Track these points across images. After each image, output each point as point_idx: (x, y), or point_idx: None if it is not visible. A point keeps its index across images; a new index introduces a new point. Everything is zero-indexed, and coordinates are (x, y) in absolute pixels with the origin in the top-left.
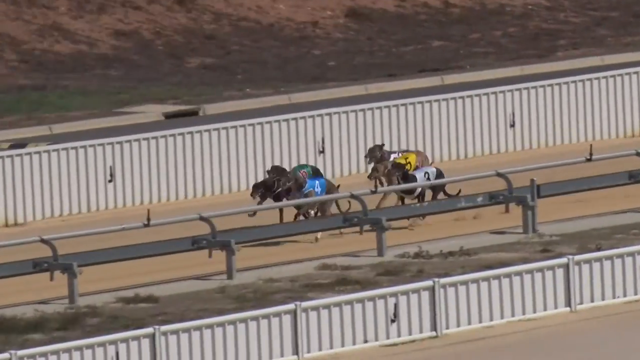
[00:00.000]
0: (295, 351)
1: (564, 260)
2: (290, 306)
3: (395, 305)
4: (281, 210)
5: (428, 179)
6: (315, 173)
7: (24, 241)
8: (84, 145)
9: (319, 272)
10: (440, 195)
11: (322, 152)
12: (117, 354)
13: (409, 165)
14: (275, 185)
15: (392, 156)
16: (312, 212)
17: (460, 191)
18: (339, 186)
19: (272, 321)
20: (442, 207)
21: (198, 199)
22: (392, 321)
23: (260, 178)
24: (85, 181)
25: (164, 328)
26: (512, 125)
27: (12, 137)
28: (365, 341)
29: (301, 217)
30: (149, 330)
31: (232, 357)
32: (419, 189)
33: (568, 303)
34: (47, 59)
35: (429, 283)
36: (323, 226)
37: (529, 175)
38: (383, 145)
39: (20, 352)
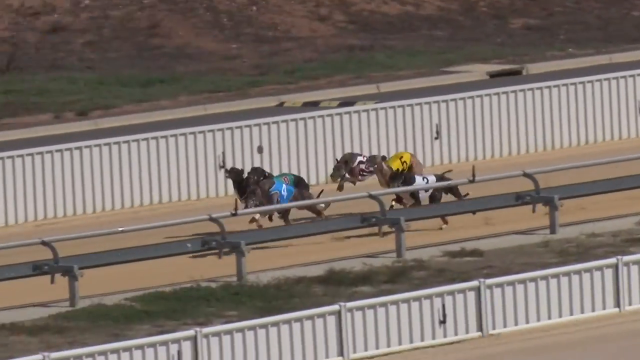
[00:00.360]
0: (617, 304)
1: None
2: (612, 260)
3: None
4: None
5: (427, 183)
6: (298, 182)
7: (355, 196)
8: (410, 103)
9: None
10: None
11: None
12: (443, 306)
13: (404, 164)
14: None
15: (358, 158)
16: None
17: (467, 194)
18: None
19: (594, 275)
20: None
21: (521, 155)
22: None
23: (581, 136)
24: (412, 137)
25: (488, 281)
26: None
27: (341, 96)
28: None
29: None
30: (474, 283)
31: (556, 310)
32: (418, 194)
33: None
34: (374, 20)
35: None
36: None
37: None
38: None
39: (349, 304)
